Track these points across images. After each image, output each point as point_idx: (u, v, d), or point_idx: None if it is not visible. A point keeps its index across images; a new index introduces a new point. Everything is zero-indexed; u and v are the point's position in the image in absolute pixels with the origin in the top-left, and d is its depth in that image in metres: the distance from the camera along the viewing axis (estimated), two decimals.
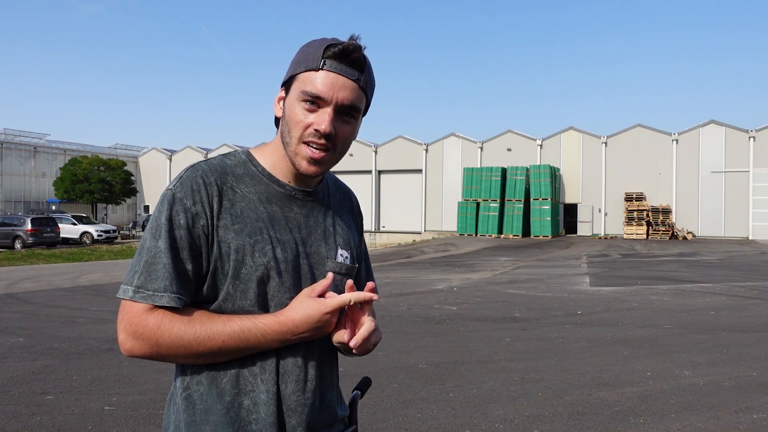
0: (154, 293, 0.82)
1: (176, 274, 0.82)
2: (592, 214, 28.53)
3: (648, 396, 3.49)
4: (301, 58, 0.88)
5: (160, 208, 0.85)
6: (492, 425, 3.02)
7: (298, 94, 0.86)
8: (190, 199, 0.84)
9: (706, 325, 5.83)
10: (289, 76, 0.89)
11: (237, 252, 0.85)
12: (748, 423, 3.02)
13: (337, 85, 0.85)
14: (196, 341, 0.81)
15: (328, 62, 0.85)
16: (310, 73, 0.85)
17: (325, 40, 0.87)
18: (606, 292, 8.47)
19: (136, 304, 0.82)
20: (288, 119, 0.87)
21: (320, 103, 0.85)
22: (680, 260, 14.47)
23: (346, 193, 1.04)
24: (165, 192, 0.87)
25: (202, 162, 0.90)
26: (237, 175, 0.89)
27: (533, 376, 3.95)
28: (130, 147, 41.58)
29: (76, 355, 4.60)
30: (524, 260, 14.59)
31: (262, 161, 0.92)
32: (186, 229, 0.84)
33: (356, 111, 0.88)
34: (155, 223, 0.85)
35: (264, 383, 0.85)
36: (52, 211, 29.99)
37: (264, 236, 0.86)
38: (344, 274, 0.93)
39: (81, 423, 3.06)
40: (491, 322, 6.01)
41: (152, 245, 0.83)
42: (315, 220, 0.93)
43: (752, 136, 26.14)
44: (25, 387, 3.71)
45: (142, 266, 0.83)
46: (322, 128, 0.84)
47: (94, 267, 13.24)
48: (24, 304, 7.47)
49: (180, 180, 0.87)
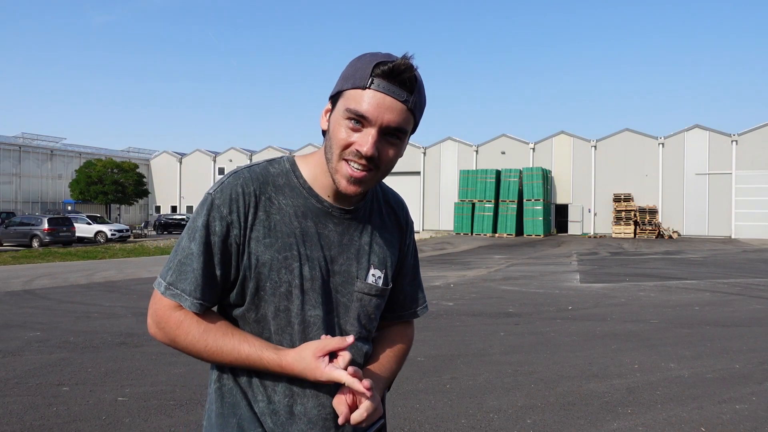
0: (181, 293, 0.83)
1: (203, 280, 0.83)
2: (582, 214, 28.93)
3: (635, 387, 3.58)
4: (349, 73, 0.83)
5: (199, 211, 0.85)
6: (487, 415, 3.09)
7: (343, 111, 0.82)
8: (227, 207, 0.84)
9: (690, 319, 5.97)
10: (336, 90, 0.84)
11: (264, 266, 0.84)
12: (730, 413, 3.12)
13: (383, 106, 0.80)
14: (206, 352, 0.83)
15: (376, 81, 0.80)
16: (357, 91, 0.81)
17: (376, 56, 0.82)
18: (595, 288, 8.61)
19: (164, 299, 0.85)
20: (331, 135, 0.84)
21: (365, 123, 0.81)
22: (666, 258, 14.72)
23: (395, 205, 0.98)
24: (206, 195, 0.86)
25: (246, 169, 0.88)
26: (278, 186, 0.87)
27: (526, 368, 4.03)
28: (142, 150, 42.47)
29: (90, 348, 4.65)
30: (517, 258, 14.74)
31: (305, 172, 0.89)
32: (220, 237, 0.83)
33: (403, 133, 0.83)
34: (192, 224, 0.85)
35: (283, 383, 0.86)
36: (67, 212, 30.53)
37: (293, 252, 0.85)
38: (374, 296, 0.90)
39: (95, 413, 3.10)
40: (486, 317, 6.10)
41: (186, 246, 0.84)
42: (350, 238, 0.89)
43: (735, 140, 26.69)
44: (42, 379, 3.75)
45: (175, 264, 0.85)
46: (363, 150, 0.80)
47: (107, 265, 13.18)
48: (41, 300, 7.49)
49: (221, 186, 0.86)
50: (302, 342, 0.86)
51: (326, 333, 0.87)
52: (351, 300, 0.89)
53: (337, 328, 0.89)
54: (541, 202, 26.78)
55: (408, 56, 0.81)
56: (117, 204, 32.55)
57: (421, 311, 1.03)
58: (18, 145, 33.88)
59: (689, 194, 27.09)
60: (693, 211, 26.97)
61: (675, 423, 3.00)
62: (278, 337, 0.86)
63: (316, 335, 0.86)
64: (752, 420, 3.03)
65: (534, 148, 30.27)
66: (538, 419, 3.04)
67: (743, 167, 26.10)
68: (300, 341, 0.86)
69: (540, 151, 30.14)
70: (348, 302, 0.89)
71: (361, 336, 0.91)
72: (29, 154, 34.34)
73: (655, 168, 27.76)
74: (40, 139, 36.04)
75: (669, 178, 27.47)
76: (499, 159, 30.34)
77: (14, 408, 3.17)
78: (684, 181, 27.20)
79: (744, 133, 26.42)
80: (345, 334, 0.89)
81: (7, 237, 20.56)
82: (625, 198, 27.31)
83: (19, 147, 33.69)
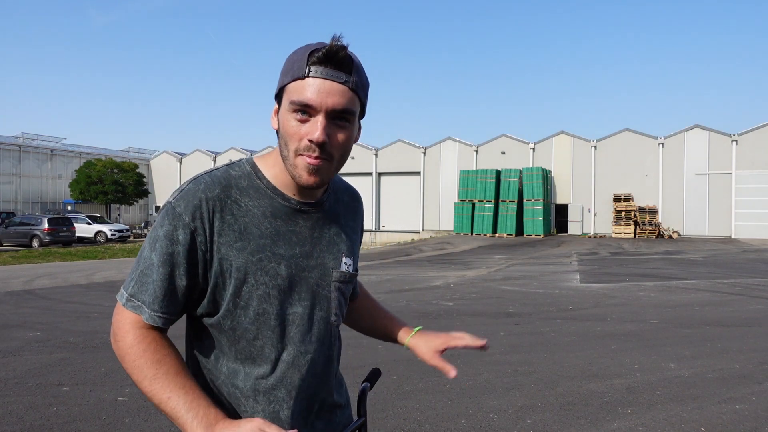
0: (141, 305, 0.81)
1: (163, 292, 0.81)
2: (582, 214, 28.94)
3: (635, 387, 3.58)
4: (287, 68, 0.82)
5: (160, 221, 0.82)
6: (486, 415, 3.09)
7: (288, 105, 0.81)
8: (190, 215, 0.81)
9: (690, 319, 5.97)
10: (278, 88, 0.84)
11: (239, 270, 0.82)
12: (730, 413, 3.12)
13: (325, 90, 0.79)
14: (141, 386, 0.80)
15: (314, 68, 0.79)
16: (297, 82, 0.80)
17: (309, 46, 0.82)
18: (595, 288, 8.62)
19: (125, 311, 0.82)
20: (283, 132, 0.83)
21: (311, 112, 0.80)
22: (666, 258, 14.71)
23: (353, 195, 1.00)
24: (165, 204, 0.83)
25: (206, 174, 0.85)
26: (241, 188, 0.85)
27: (526, 368, 4.03)
28: (142, 150, 42.51)
29: (90, 348, 4.65)
30: (517, 258, 14.74)
31: (266, 172, 0.88)
32: (184, 246, 0.80)
33: (350, 114, 0.82)
34: (154, 234, 0.82)
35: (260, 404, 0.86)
36: (67, 212, 30.66)
37: (267, 254, 0.83)
38: (348, 282, 0.93)
39: (95, 413, 3.11)
40: (486, 317, 6.10)
41: (147, 257, 0.82)
42: (320, 231, 0.90)
43: (735, 140, 26.70)
44: (42, 379, 3.75)
45: (137, 275, 0.82)
46: (315, 137, 0.79)
47: (107, 265, 13.23)
48: (41, 300, 7.50)
49: (181, 193, 0.83)
50: (281, 343, 0.86)
51: (307, 328, 0.88)
52: (330, 291, 0.91)
53: (321, 321, 0.90)
54: (541, 202, 26.79)
55: (338, 37, 0.80)
56: (117, 204, 32.66)
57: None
58: (18, 145, 33.91)
59: (689, 194, 27.09)
60: (693, 211, 26.98)
61: (675, 423, 3.00)
62: (257, 342, 0.85)
63: (296, 333, 0.87)
64: (752, 420, 3.03)
65: (534, 148, 30.28)
66: (538, 419, 3.04)
67: (743, 167, 26.10)
68: (279, 342, 0.86)
69: (540, 151, 30.15)
70: (328, 294, 0.90)
71: (337, 324, 0.94)
72: (29, 154, 34.41)
73: (655, 168, 27.77)
74: (40, 139, 36.14)
75: (669, 178, 27.48)
76: (499, 159, 30.36)
77: (14, 408, 3.17)
78: (684, 181, 27.21)
79: (744, 133, 26.42)
80: (328, 326, 0.91)
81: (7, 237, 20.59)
82: (625, 198, 27.32)
83: (19, 147, 33.78)
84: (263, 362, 0.85)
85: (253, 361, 0.85)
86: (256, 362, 0.85)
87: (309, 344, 0.88)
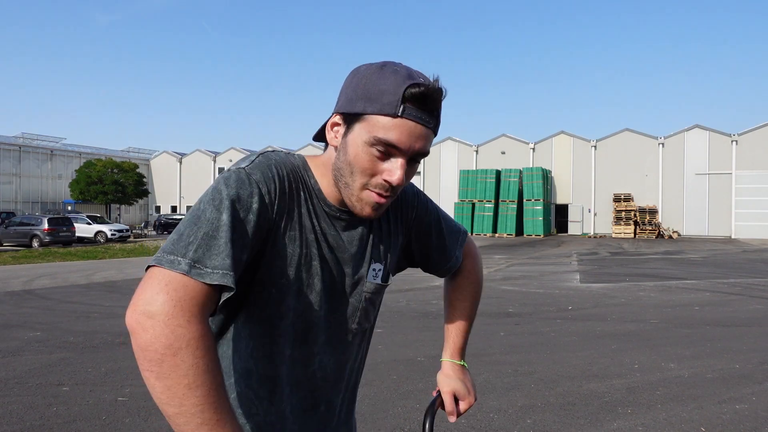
0: (213, 271, 0.66)
1: (236, 256, 0.69)
2: (582, 214, 28.96)
3: (635, 387, 3.58)
4: (372, 93, 0.75)
5: (227, 183, 0.72)
6: (487, 415, 3.09)
7: (368, 137, 0.75)
8: (265, 186, 0.74)
9: (690, 319, 5.97)
10: (356, 111, 0.76)
11: (284, 260, 0.77)
12: (730, 413, 3.12)
13: (414, 134, 0.75)
14: (181, 395, 0.61)
15: (408, 108, 0.74)
16: (386, 118, 0.74)
17: (399, 74, 0.75)
18: (595, 288, 8.63)
19: (188, 285, 0.64)
20: (352, 161, 0.77)
21: (393, 152, 0.76)
22: (666, 258, 14.73)
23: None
24: (235, 170, 0.74)
25: (272, 152, 0.81)
26: (299, 178, 0.82)
27: (526, 368, 4.04)
28: (142, 150, 42.60)
29: (90, 348, 4.66)
30: (517, 258, 14.77)
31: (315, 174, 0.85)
32: (255, 215, 0.72)
33: (425, 156, 0.80)
34: (219, 195, 0.70)
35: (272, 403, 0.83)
36: (67, 212, 30.61)
37: (313, 250, 0.80)
38: (377, 293, 0.90)
39: (95, 413, 3.11)
40: (486, 317, 6.10)
41: (214, 217, 0.69)
42: (356, 240, 0.87)
43: (734, 140, 26.72)
44: (42, 379, 3.75)
45: (200, 237, 0.67)
46: (394, 181, 0.76)
47: (107, 265, 13.20)
48: (41, 300, 7.50)
49: (253, 163, 0.76)
50: (298, 341, 0.83)
51: (325, 331, 0.86)
52: (360, 300, 0.88)
53: (341, 327, 0.88)
54: (541, 202, 26.82)
55: (436, 79, 0.76)
56: (117, 204, 32.70)
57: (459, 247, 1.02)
58: (18, 145, 33.97)
59: (689, 194, 27.11)
60: (693, 211, 27.00)
61: (675, 423, 3.00)
62: (278, 339, 0.81)
63: (314, 335, 0.85)
64: (752, 420, 3.03)
65: (534, 148, 30.31)
66: (538, 419, 3.05)
67: (743, 167, 26.12)
68: (295, 341, 0.83)
69: (540, 151, 30.18)
70: (357, 303, 0.88)
71: (357, 331, 0.91)
72: (29, 154, 34.48)
73: (655, 168, 27.79)
74: (40, 139, 36.22)
75: (669, 178, 27.50)
76: (499, 159, 30.40)
77: (14, 408, 3.17)
78: (684, 181, 27.23)
79: (744, 133, 26.44)
80: (347, 333, 0.89)
81: (7, 237, 20.59)
82: (625, 198, 27.34)
83: (19, 147, 33.87)
84: (280, 362, 0.82)
85: (270, 360, 0.82)
86: (273, 361, 0.82)
87: (324, 346, 0.86)
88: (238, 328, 0.82)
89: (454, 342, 1.06)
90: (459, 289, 1.06)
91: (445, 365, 1.04)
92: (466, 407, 1.00)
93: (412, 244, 0.98)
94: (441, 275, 1.05)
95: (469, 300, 1.07)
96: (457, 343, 1.06)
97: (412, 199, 0.96)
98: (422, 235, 0.98)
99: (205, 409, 0.62)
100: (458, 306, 1.06)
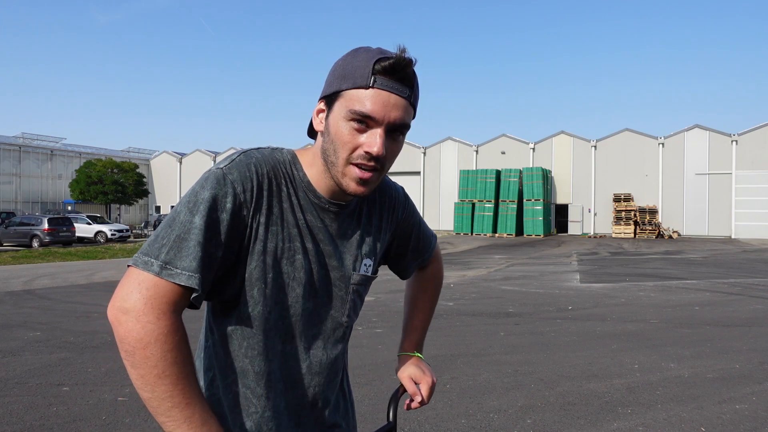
0: (182, 272, 0.72)
1: (205, 259, 0.73)
2: (582, 214, 28.98)
3: (635, 387, 3.58)
4: (346, 71, 0.79)
5: (203, 185, 0.76)
6: (487, 415, 3.10)
7: (345, 112, 0.78)
8: (240, 185, 0.77)
9: (690, 319, 5.98)
10: (333, 90, 0.80)
11: (268, 255, 0.80)
12: (730, 413, 3.12)
13: (389, 104, 0.77)
14: (155, 384, 0.68)
15: (379, 79, 0.77)
16: (359, 90, 0.77)
17: (370, 51, 0.79)
18: (595, 288, 8.63)
19: (158, 284, 0.71)
20: (334, 138, 0.80)
21: (370, 123, 0.78)
22: (666, 258, 14.74)
23: (382, 190, 0.96)
24: (213, 170, 0.77)
25: (255, 150, 0.83)
26: (283, 173, 0.84)
27: (526, 368, 4.04)
28: (142, 150, 42.64)
29: (91, 348, 4.66)
30: (518, 258, 14.78)
31: (304, 167, 0.87)
32: (229, 214, 0.76)
33: (406, 128, 0.81)
34: (194, 197, 0.75)
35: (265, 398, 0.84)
36: (67, 212, 30.61)
37: (296, 244, 0.82)
38: (365, 284, 0.93)
39: (95, 413, 3.11)
40: (486, 317, 6.11)
41: (187, 219, 0.73)
42: (344, 232, 0.89)
43: (734, 140, 26.72)
44: (43, 379, 3.76)
45: (173, 240, 0.73)
46: (374, 151, 0.78)
47: (108, 265, 13.21)
48: (41, 300, 7.51)
49: (232, 162, 0.79)
50: (288, 336, 0.84)
51: (316, 324, 0.87)
52: (348, 293, 0.90)
53: (331, 320, 0.89)
54: (541, 202, 26.82)
55: (404, 49, 0.79)
56: (117, 204, 32.72)
57: (431, 250, 1.10)
58: (18, 145, 33.98)
59: (689, 194, 27.12)
60: (693, 211, 27.00)
61: (675, 423, 3.00)
62: (269, 333, 0.83)
63: (304, 328, 0.86)
64: (752, 420, 3.03)
65: (534, 148, 30.31)
66: (538, 419, 3.05)
67: (743, 167, 26.12)
68: (286, 335, 0.84)
69: (540, 151, 30.19)
70: (345, 295, 0.90)
71: (347, 324, 0.93)
72: (29, 154, 34.52)
73: (655, 168, 27.80)
74: (40, 139, 36.24)
75: (669, 178, 27.50)
76: (499, 159, 30.42)
77: (14, 408, 3.17)
78: (684, 181, 27.24)
79: (744, 133, 26.44)
80: (337, 325, 0.90)
81: (7, 237, 20.60)
82: (625, 198, 27.34)
83: (19, 147, 33.91)
84: (273, 357, 0.84)
85: (264, 356, 0.83)
86: (266, 357, 0.83)
87: (314, 340, 0.87)
88: (232, 329, 0.84)
89: (412, 337, 1.11)
90: (424, 289, 1.13)
91: (402, 358, 1.09)
92: (427, 388, 1.02)
93: (394, 242, 1.02)
94: (404, 276, 1.10)
95: (432, 300, 1.14)
96: (416, 338, 1.11)
97: (403, 200, 1.01)
98: (404, 236, 1.03)
99: (175, 395, 0.70)
100: (421, 306, 1.13)
